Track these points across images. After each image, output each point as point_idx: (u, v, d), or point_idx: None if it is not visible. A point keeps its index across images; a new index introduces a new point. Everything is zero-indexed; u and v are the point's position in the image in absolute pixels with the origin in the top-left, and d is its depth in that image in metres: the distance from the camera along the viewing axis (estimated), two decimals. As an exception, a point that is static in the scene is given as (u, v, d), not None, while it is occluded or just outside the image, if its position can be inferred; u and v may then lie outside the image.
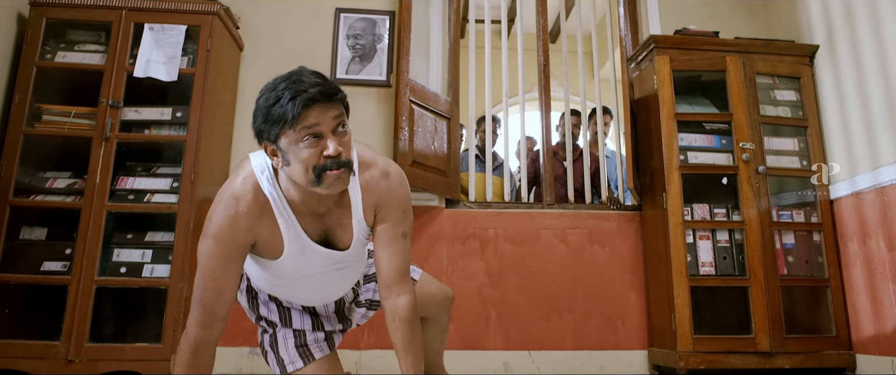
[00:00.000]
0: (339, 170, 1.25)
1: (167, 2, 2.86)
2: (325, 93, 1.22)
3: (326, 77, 1.29)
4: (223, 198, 1.33)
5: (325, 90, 1.22)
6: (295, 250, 1.38)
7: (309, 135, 1.22)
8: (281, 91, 1.21)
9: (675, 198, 2.89)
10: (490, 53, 3.64)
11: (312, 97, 1.20)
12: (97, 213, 2.61)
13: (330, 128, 1.24)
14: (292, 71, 1.27)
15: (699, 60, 3.07)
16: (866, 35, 2.81)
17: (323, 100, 1.22)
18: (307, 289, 1.56)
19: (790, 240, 2.95)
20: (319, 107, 1.21)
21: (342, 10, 3.40)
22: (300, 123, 1.20)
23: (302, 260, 1.41)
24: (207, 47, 2.82)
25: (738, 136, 2.97)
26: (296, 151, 1.23)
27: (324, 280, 1.52)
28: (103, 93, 2.72)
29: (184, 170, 2.70)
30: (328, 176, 1.24)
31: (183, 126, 2.78)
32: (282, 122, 1.21)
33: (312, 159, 1.23)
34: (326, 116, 1.23)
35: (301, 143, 1.22)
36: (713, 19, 3.57)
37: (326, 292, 1.60)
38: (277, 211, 1.34)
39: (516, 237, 3.19)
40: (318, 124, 1.22)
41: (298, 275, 1.48)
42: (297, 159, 1.24)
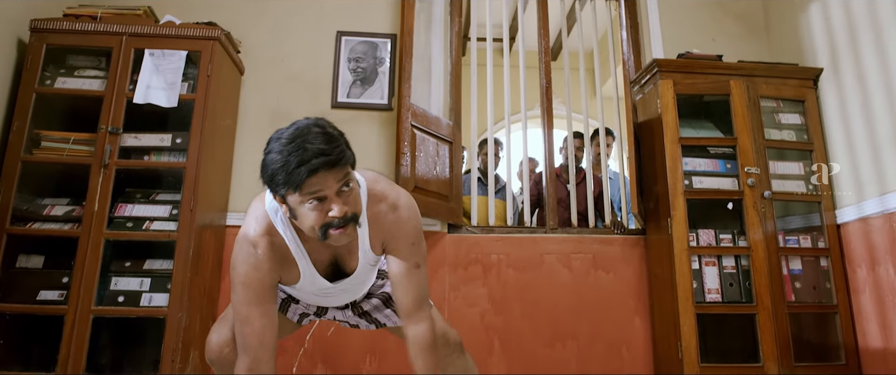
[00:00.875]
0: (343, 227, 1.31)
1: (168, 27, 2.84)
2: (328, 163, 1.25)
3: (334, 133, 1.30)
4: (242, 246, 1.41)
5: (329, 159, 1.25)
6: (307, 279, 1.50)
7: (313, 199, 1.27)
8: (286, 155, 1.24)
9: (679, 224, 2.86)
10: (491, 71, 3.62)
11: (316, 167, 1.23)
12: (95, 241, 2.57)
13: (334, 191, 1.28)
14: (300, 128, 1.27)
15: (703, 84, 3.05)
16: (871, 58, 2.79)
17: (325, 169, 1.25)
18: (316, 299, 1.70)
19: (797, 266, 2.91)
20: (323, 173, 1.25)
21: (343, 33, 3.39)
22: (304, 189, 1.25)
23: (309, 288, 1.54)
24: (208, 73, 2.80)
25: (743, 161, 2.94)
26: (301, 211, 1.30)
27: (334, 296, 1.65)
28: (103, 120, 2.70)
29: (183, 197, 2.66)
30: (333, 233, 1.31)
31: (183, 152, 2.75)
32: (286, 186, 1.26)
33: (318, 220, 1.29)
34: (330, 181, 1.27)
35: (306, 205, 1.28)
36: (716, 42, 3.56)
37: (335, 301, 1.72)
38: (292, 248, 1.44)
39: (519, 262, 3.15)
40: (322, 189, 1.27)
41: (312, 293, 1.60)
42: (304, 217, 1.30)
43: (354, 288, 1.62)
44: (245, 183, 3.11)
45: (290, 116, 3.29)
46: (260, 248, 1.40)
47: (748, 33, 3.59)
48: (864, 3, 2.84)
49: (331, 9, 3.42)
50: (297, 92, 3.29)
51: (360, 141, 3.20)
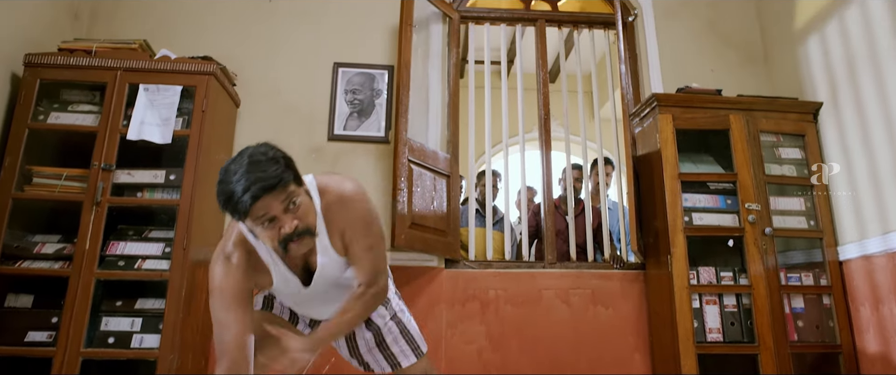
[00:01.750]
0: (299, 239, 1.41)
1: (163, 62, 2.82)
2: (265, 189, 1.33)
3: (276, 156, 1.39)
4: (218, 260, 1.51)
5: (268, 184, 1.33)
6: (280, 281, 1.59)
7: (263, 222, 1.37)
8: (231, 186, 1.33)
9: (679, 262, 2.82)
10: (489, 93, 3.60)
11: (257, 195, 1.32)
12: (85, 281, 2.53)
13: (281, 211, 1.37)
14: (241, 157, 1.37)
15: (702, 119, 3.02)
16: (870, 93, 2.77)
17: (264, 195, 1.33)
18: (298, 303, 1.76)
19: (799, 304, 2.87)
20: (265, 199, 1.34)
21: (340, 65, 3.37)
22: (251, 216, 1.35)
23: (287, 285, 1.60)
24: (203, 108, 2.78)
25: (743, 197, 2.91)
26: (258, 231, 1.41)
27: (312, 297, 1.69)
28: (96, 156, 2.67)
29: (176, 235, 2.63)
30: (292, 246, 1.42)
31: (176, 189, 2.71)
32: (236, 215, 1.37)
33: (273, 238, 1.40)
34: (274, 203, 1.36)
35: (258, 227, 1.39)
36: (715, 73, 3.54)
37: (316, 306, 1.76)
38: (263, 255, 1.55)
39: (517, 298, 3.11)
40: (269, 212, 1.36)
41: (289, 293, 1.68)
42: (261, 235, 1.41)
43: (328, 288, 1.65)
44: (240, 217, 3.07)
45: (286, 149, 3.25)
46: (233, 257, 1.51)
47: (747, 63, 3.58)
48: (863, 38, 2.82)
49: (328, 40, 3.41)
50: (294, 124, 3.26)
51: (356, 173, 3.17)
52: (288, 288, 1.62)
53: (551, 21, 3.69)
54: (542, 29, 3.66)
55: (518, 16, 3.68)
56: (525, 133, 3.61)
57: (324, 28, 3.43)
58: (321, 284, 1.63)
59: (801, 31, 3.25)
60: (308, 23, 3.44)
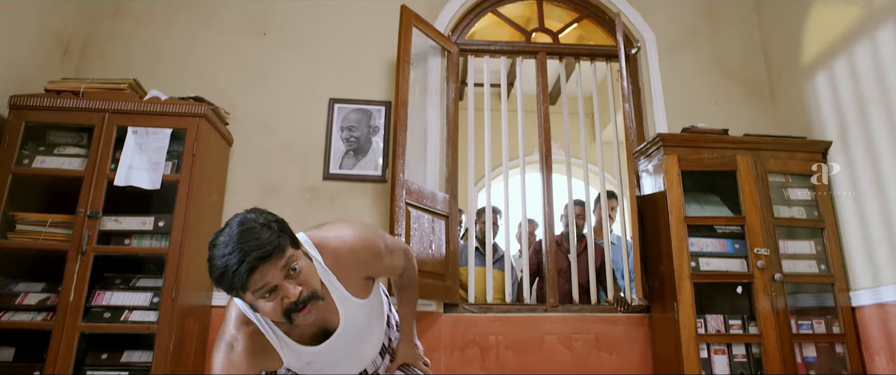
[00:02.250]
0: (305, 306, 1.28)
1: (152, 104, 2.73)
2: (263, 257, 1.22)
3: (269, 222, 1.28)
4: (221, 347, 1.36)
5: (263, 252, 1.22)
6: (293, 360, 1.44)
7: (264, 293, 1.25)
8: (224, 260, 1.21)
9: (686, 309, 2.72)
10: (489, 115, 3.52)
11: (252, 267, 1.21)
12: (69, 335, 2.43)
13: (281, 279, 1.26)
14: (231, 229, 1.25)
15: (709, 159, 2.94)
16: (882, 132, 2.68)
17: (261, 265, 1.22)
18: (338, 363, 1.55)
19: (811, 353, 2.77)
20: (262, 269, 1.22)
21: (336, 101, 3.29)
22: (251, 288, 1.23)
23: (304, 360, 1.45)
24: (193, 152, 2.69)
25: (751, 241, 2.81)
26: (259, 305, 1.27)
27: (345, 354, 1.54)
28: (82, 203, 2.57)
29: (165, 285, 2.53)
30: (298, 316, 1.29)
31: (165, 236, 2.62)
32: (233, 291, 1.24)
33: (276, 309, 1.27)
34: (273, 271, 1.24)
35: (260, 301, 1.26)
36: (719, 106, 3.46)
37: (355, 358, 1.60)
38: (269, 337, 1.40)
39: (519, 343, 3.00)
40: (268, 282, 1.24)
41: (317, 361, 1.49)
42: (263, 311, 1.28)
43: (354, 334, 1.52)
44: (232, 260, 2.97)
45: (280, 188, 3.19)
46: (237, 344, 1.36)
47: (752, 98, 3.50)
48: (874, 76, 2.74)
49: (323, 75, 3.33)
50: (288, 162, 3.17)
51: (352, 214, 3.08)
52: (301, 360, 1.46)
53: (552, 53, 3.61)
54: (543, 61, 3.58)
55: (519, 48, 3.60)
56: (525, 155, 3.53)
57: (319, 62, 3.35)
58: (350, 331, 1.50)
59: (809, 67, 3.17)
60: (303, 57, 3.36)
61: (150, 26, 3.34)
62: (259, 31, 3.39)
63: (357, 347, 1.57)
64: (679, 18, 3.61)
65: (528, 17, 3.86)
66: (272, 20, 3.42)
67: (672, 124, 3.37)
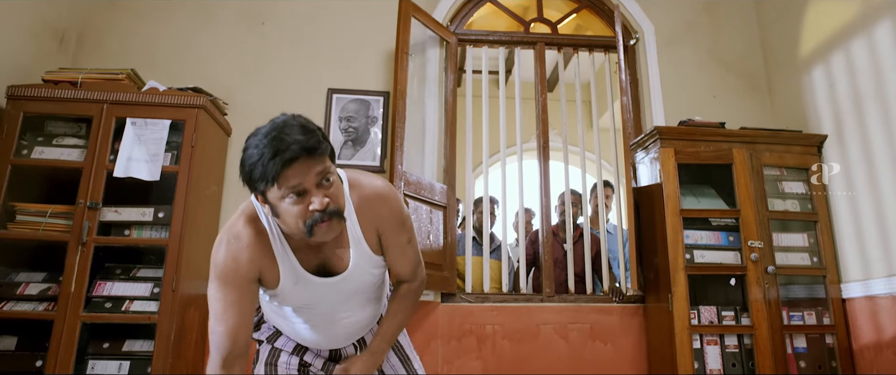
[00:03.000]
0: (328, 221, 1.24)
1: (151, 94, 2.73)
2: (305, 150, 1.20)
3: (312, 126, 1.26)
4: (225, 238, 1.34)
5: (306, 146, 1.20)
6: (289, 281, 1.37)
7: (293, 193, 1.21)
8: (262, 148, 1.19)
9: (680, 301, 2.76)
10: (487, 102, 3.52)
11: (292, 157, 1.18)
12: (71, 325, 2.46)
13: (314, 183, 1.23)
14: (276, 121, 1.24)
15: (705, 153, 2.96)
16: (877, 128, 2.71)
17: (304, 158, 1.20)
18: (317, 324, 1.50)
19: (802, 344, 2.82)
20: (300, 164, 1.20)
21: (334, 91, 3.29)
22: (282, 183, 1.20)
23: (297, 289, 1.39)
24: (192, 143, 2.70)
25: (745, 234, 2.85)
26: (282, 208, 1.24)
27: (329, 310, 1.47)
28: (81, 194, 2.58)
29: (165, 276, 2.55)
30: (318, 228, 1.25)
31: (165, 227, 2.63)
32: (264, 181, 1.20)
33: (300, 215, 1.23)
34: (309, 173, 1.21)
35: (286, 200, 1.22)
36: (717, 99, 3.48)
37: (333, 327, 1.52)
38: (274, 245, 1.35)
39: (515, 333, 3.05)
40: (301, 182, 1.21)
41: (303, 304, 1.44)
42: (286, 214, 1.24)
43: (351, 291, 1.46)
44: (231, 250, 2.99)
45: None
46: (243, 238, 1.33)
47: (750, 91, 3.51)
48: (871, 72, 2.76)
49: (322, 65, 3.32)
50: (287, 152, 3.17)
51: (350, 205, 3.10)
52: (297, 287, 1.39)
53: (551, 44, 3.61)
54: (542, 52, 3.58)
55: (517, 39, 3.59)
56: (523, 143, 3.55)
57: (318, 52, 3.34)
58: (350, 284, 1.44)
59: (806, 60, 3.18)
60: (301, 47, 3.35)
61: (148, 16, 3.32)
62: (257, 20, 3.37)
63: (350, 312, 1.50)
64: (678, 10, 3.61)
65: (527, 6, 3.85)
66: (271, 10, 3.40)
67: (669, 116, 3.39)
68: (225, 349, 1.31)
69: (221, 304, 1.32)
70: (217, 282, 1.33)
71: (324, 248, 1.39)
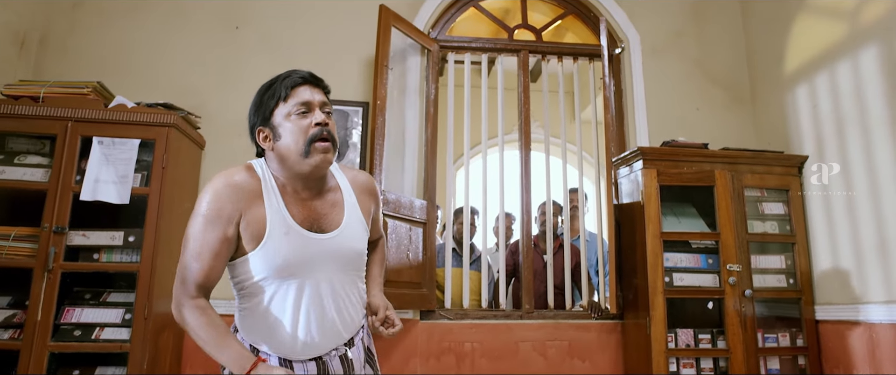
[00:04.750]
0: (327, 142, 1.39)
1: (118, 111, 2.61)
2: (314, 76, 1.45)
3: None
4: (215, 180, 1.39)
5: (314, 75, 1.45)
6: (279, 231, 1.38)
7: (299, 109, 1.39)
8: (276, 76, 1.44)
9: (658, 324, 2.78)
10: (469, 92, 3.46)
11: (303, 77, 1.42)
12: (38, 355, 2.38)
13: (318, 105, 1.41)
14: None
15: (688, 174, 2.95)
16: (857, 151, 2.71)
17: (312, 82, 1.43)
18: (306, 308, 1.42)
19: (775, 365, 2.87)
20: (309, 86, 1.42)
21: (312, 101, 3.17)
22: (292, 98, 1.39)
23: (287, 241, 1.38)
24: (163, 164, 2.59)
25: (725, 257, 2.86)
26: (287, 125, 1.38)
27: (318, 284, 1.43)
28: (46, 218, 2.48)
29: (137, 302, 2.48)
30: (317, 147, 1.37)
31: (136, 250, 2.55)
32: (276, 98, 1.40)
33: (303, 130, 1.38)
34: (315, 96, 1.42)
35: (292, 116, 1.38)
36: (700, 111, 3.45)
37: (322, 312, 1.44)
38: (265, 190, 1.40)
39: (494, 351, 3.05)
40: (309, 99, 1.40)
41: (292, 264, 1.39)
42: (289, 132, 1.38)
43: (339, 256, 1.46)
44: (205, 267, 2.92)
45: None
46: (233, 179, 1.39)
47: (734, 103, 3.49)
48: (854, 96, 2.75)
49: (299, 74, 3.20)
50: (263, 165, 3.08)
51: (329, 221, 3.03)
52: (287, 238, 1.38)
53: (535, 51, 3.53)
54: (526, 59, 3.50)
55: (501, 46, 3.50)
56: (505, 134, 3.50)
57: (295, 59, 3.21)
58: (341, 244, 1.45)
59: (791, 77, 3.16)
60: (278, 53, 3.22)
61: (115, 18, 3.16)
62: (231, 24, 3.23)
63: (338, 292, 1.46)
64: (665, 20, 3.55)
65: (509, 9, 3.75)
66: (245, 16, 3.26)
67: (653, 127, 3.36)
68: (197, 281, 1.35)
69: (200, 243, 1.34)
70: (201, 219, 1.35)
71: (312, 204, 1.45)
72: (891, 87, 2.55)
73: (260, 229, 1.36)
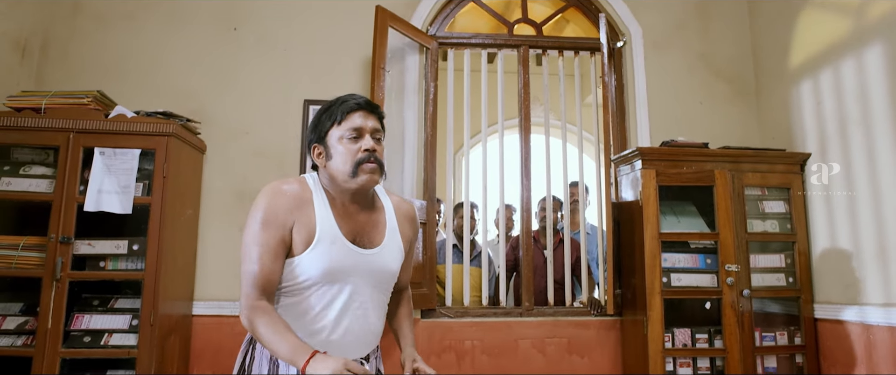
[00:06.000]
0: (373, 163, 1.49)
1: (119, 122, 2.64)
2: (369, 104, 1.54)
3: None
4: (269, 189, 1.50)
5: (370, 102, 1.55)
6: (326, 238, 1.48)
7: (351, 134, 1.49)
8: (335, 99, 1.55)
9: (655, 325, 2.80)
10: (469, 77, 3.45)
11: (358, 104, 1.52)
12: (50, 361, 2.48)
13: (369, 131, 1.51)
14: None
15: (687, 174, 2.93)
16: (859, 151, 2.68)
17: (367, 109, 1.53)
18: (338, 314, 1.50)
19: (772, 364, 2.89)
20: (363, 113, 1.52)
21: (311, 102, 3.19)
22: (345, 123, 1.50)
23: (333, 250, 1.48)
24: (164, 174, 2.63)
25: (723, 258, 2.86)
26: (339, 149, 1.49)
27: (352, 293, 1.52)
28: (52, 228, 2.54)
29: (143, 309, 2.55)
30: (364, 168, 1.48)
31: (140, 258, 2.61)
32: (332, 120, 1.51)
33: (352, 154, 1.48)
34: (367, 122, 1.52)
35: (345, 140, 1.49)
36: (704, 106, 3.41)
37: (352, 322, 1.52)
38: (316, 200, 1.51)
39: (494, 349, 3.10)
40: (361, 126, 1.50)
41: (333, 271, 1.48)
42: (339, 154, 1.48)
43: (375, 273, 1.55)
44: (211, 269, 3.00)
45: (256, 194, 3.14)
46: (287, 188, 1.49)
47: (737, 97, 3.44)
48: (858, 94, 2.70)
49: (297, 75, 3.21)
50: (264, 167, 3.12)
51: (329, 223, 3.07)
52: (333, 247, 1.48)
53: (535, 46, 3.50)
54: (526, 55, 3.47)
55: (501, 42, 3.47)
56: (506, 121, 3.48)
57: (292, 63, 3.23)
58: (378, 262, 1.55)
59: (795, 72, 3.11)
60: (275, 54, 3.23)
61: (115, 23, 3.18)
62: (228, 27, 3.23)
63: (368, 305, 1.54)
64: (668, 13, 3.48)
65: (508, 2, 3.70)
66: (243, 19, 3.25)
67: (655, 121, 3.34)
68: (260, 284, 1.42)
69: (259, 247, 1.43)
70: (257, 225, 1.44)
71: (358, 219, 1.55)
72: (895, 87, 2.50)
73: (310, 235, 1.47)
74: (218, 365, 2.93)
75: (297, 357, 1.34)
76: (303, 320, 1.49)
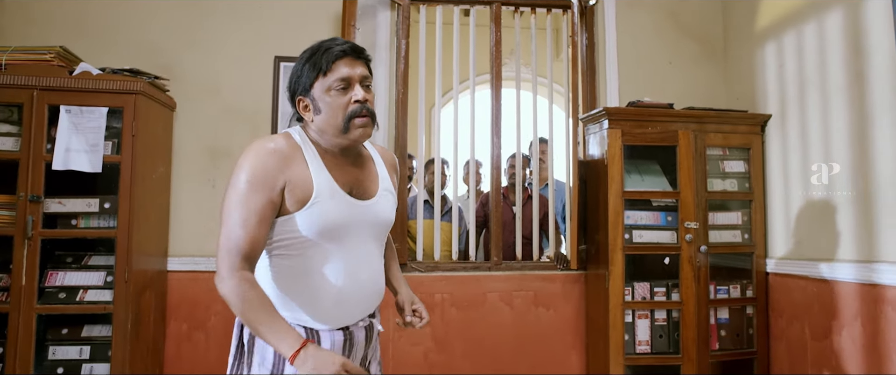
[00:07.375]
0: (365, 117, 1.40)
1: (84, 79, 2.61)
2: (355, 49, 1.41)
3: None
4: (255, 147, 1.39)
5: (355, 47, 1.42)
6: (325, 193, 1.40)
7: (339, 85, 1.38)
8: (317, 46, 1.41)
9: (616, 279, 2.94)
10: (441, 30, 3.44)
11: (344, 50, 1.39)
12: (26, 318, 2.52)
13: (358, 80, 1.41)
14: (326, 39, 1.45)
15: (652, 134, 3.01)
16: (815, 112, 2.77)
17: (353, 55, 1.40)
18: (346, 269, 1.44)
19: (724, 315, 3.06)
20: (349, 60, 1.39)
21: (282, 59, 3.17)
22: (331, 73, 1.37)
23: (333, 204, 1.41)
24: (133, 132, 2.63)
25: (683, 215, 2.98)
26: (326, 101, 1.39)
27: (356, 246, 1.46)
28: (21, 187, 2.54)
29: (116, 267, 2.59)
30: (356, 123, 1.39)
31: (113, 216, 2.63)
32: (317, 71, 1.38)
33: (342, 106, 1.38)
34: (355, 70, 1.40)
35: (332, 92, 1.38)
36: (672, 65, 3.46)
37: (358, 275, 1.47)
38: (307, 155, 1.42)
39: (463, 301, 3.23)
40: (349, 75, 1.38)
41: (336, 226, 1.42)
42: (328, 107, 1.39)
43: (375, 224, 1.51)
44: (185, 226, 3.03)
45: (231, 152, 3.16)
46: (275, 146, 1.38)
47: (706, 58, 3.49)
48: (817, 58, 2.77)
49: (268, 31, 3.18)
50: (236, 124, 3.12)
51: (302, 181, 3.11)
52: (333, 201, 1.41)
53: (507, 3, 3.48)
54: (498, 12, 3.46)
55: (473, -2, 3.45)
56: (478, 76, 3.51)
57: (263, 18, 3.18)
58: (377, 212, 1.50)
59: (761, 34, 3.16)
60: (246, 11, 3.17)
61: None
62: (194, -21, 3.15)
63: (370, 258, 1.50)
64: (640, -30, 3.48)
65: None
66: (208, -30, 3.17)
67: (625, 80, 3.39)
68: (243, 250, 1.32)
69: (245, 210, 1.32)
70: (243, 186, 1.33)
71: (350, 170, 1.47)
72: (850, 54, 2.57)
73: (306, 192, 1.38)
74: (194, 318, 3.01)
75: (286, 345, 1.28)
76: (305, 282, 1.42)
